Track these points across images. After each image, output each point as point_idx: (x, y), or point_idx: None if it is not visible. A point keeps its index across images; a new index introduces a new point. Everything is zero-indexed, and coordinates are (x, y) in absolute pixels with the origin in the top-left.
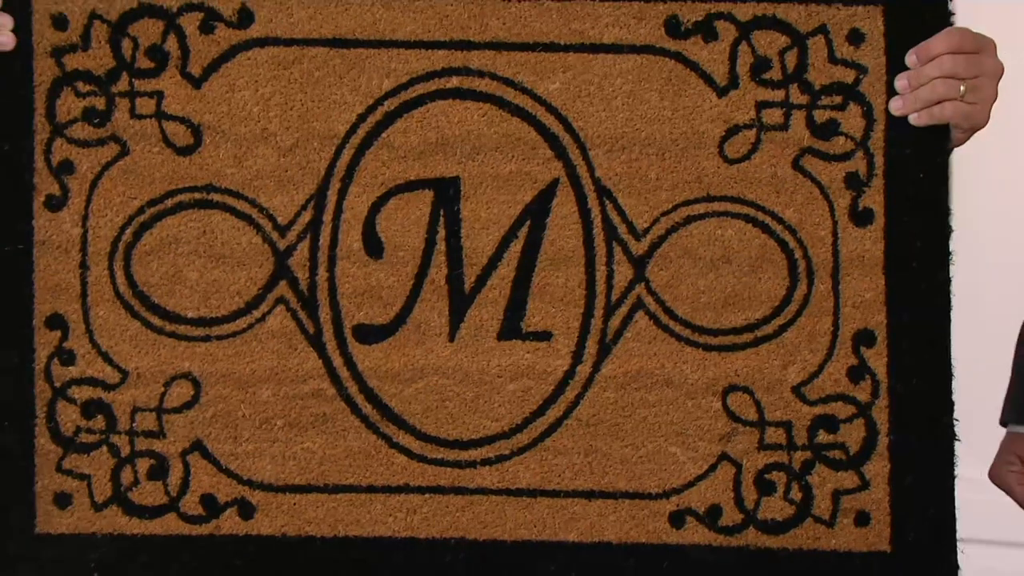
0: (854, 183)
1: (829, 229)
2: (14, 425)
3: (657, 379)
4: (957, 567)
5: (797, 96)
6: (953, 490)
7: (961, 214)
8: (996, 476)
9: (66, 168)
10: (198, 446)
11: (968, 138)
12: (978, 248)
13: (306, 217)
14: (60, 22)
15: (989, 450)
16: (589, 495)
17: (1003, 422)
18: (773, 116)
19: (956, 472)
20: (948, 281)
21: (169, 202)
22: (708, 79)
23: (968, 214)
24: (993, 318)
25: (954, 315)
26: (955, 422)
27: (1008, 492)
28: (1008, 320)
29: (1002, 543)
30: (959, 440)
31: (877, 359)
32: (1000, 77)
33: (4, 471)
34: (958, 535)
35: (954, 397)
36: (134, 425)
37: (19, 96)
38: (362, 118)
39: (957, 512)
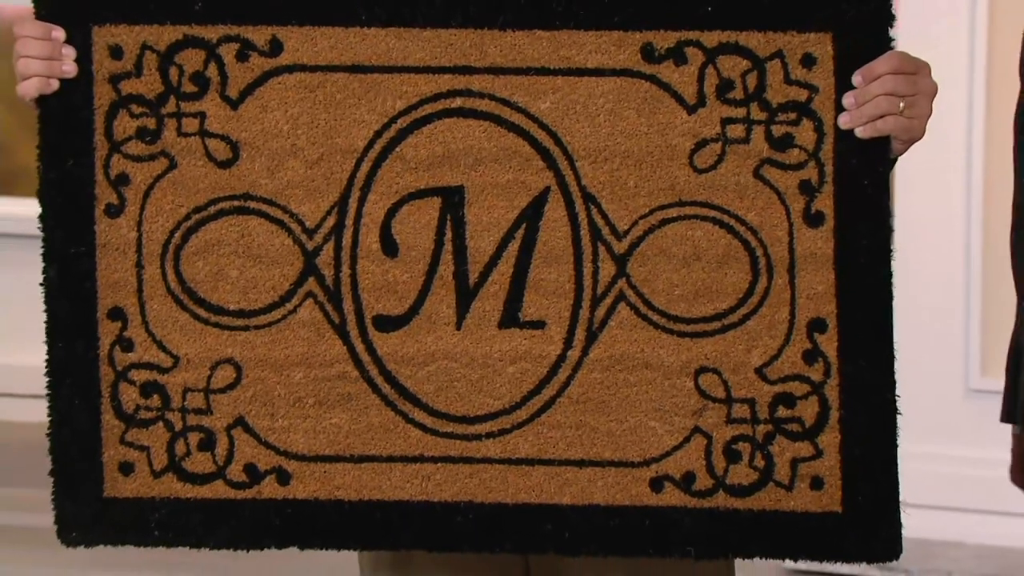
0: (807, 189)
1: (786, 230)
2: (84, 404)
3: (637, 362)
4: (900, 525)
5: (757, 113)
6: (896, 458)
7: (900, 216)
8: (1018, 480)
9: (123, 180)
10: (240, 422)
11: (906, 149)
12: (914, 245)
13: (330, 221)
14: (116, 52)
15: (925, 424)
16: (580, 463)
17: (1003, 420)
18: (736, 131)
19: (898, 442)
20: (890, 275)
21: (212, 209)
22: (679, 98)
23: (906, 216)
24: (927, 306)
25: (895, 304)
26: (897, 398)
27: None
28: (939, 309)
29: (939, 508)
30: (900, 414)
31: (828, 344)
32: (934, 95)
33: (76, 444)
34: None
35: (896, 377)
36: (185, 404)
37: (81, 118)
38: (378, 134)
39: (900, 477)
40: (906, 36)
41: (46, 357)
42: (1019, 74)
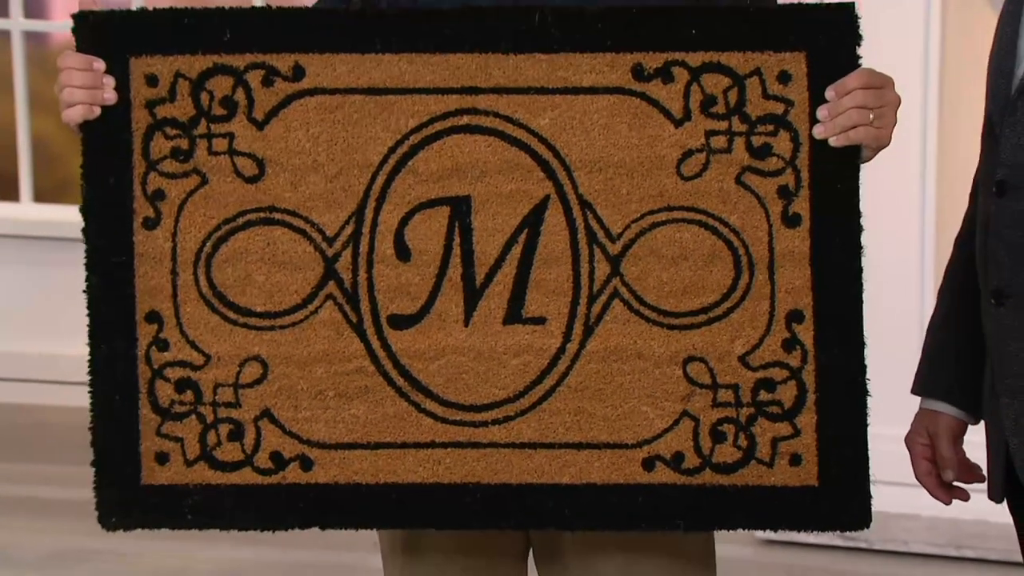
0: (785, 194)
1: (766, 231)
2: (123, 399)
3: (631, 353)
4: (870, 496)
5: (738, 125)
6: (866, 436)
7: (869, 216)
8: (908, 443)
9: (158, 195)
10: (267, 414)
11: (874, 156)
12: (879, 244)
13: (348, 230)
14: (152, 80)
15: (892, 407)
16: (578, 446)
17: (913, 392)
18: (719, 142)
19: (868, 422)
20: (860, 270)
21: (240, 220)
22: (667, 113)
23: (874, 216)
24: (893, 299)
25: (865, 297)
26: (867, 382)
27: (911, 459)
28: (903, 301)
29: (895, 484)
30: (870, 396)
31: (805, 333)
32: (898, 107)
33: (116, 436)
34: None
35: (866, 363)
36: (216, 398)
37: (121, 140)
38: (392, 150)
39: (870, 452)
40: (866, 54)
41: (88, 357)
42: (986, 94)
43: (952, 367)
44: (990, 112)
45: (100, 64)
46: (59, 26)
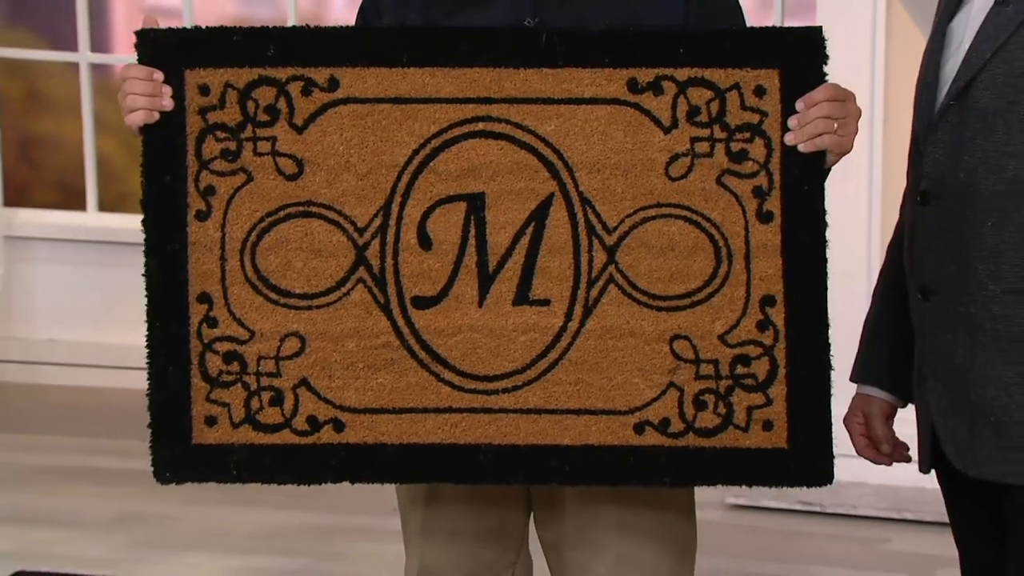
0: (759, 193)
1: (743, 226)
2: (177, 370)
3: (624, 331)
4: (833, 456)
5: (719, 133)
6: (830, 404)
7: (832, 213)
8: (846, 422)
9: (209, 191)
10: (304, 383)
11: (838, 160)
12: (843, 238)
13: (377, 222)
14: (204, 90)
15: (839, 393)
16: (578, 412)
17: (851, 379)
18: (702, 147)
19: (832, 392)
20: (825, 261)
21: (281, 213)
22: (657, 122)
23: (836, 213)
24: (838, 301)
25: (829, 284)
26: (831, 358)
27: (850, 437)
28: (847, 302)
29: (845, 455)
30: (833, 369)
31: (777, 315)
32: (859, 117)
33: (170, 402)
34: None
35: (829, 341)
36: (259, 368)
37: (177, 142)
38: (416, 152)
39: (832, 420)
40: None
41: (146, 333)
42: (912, 104)
43: (885, 357)
44: (916, 131)
45: (159, 75)
46: (120, 59)
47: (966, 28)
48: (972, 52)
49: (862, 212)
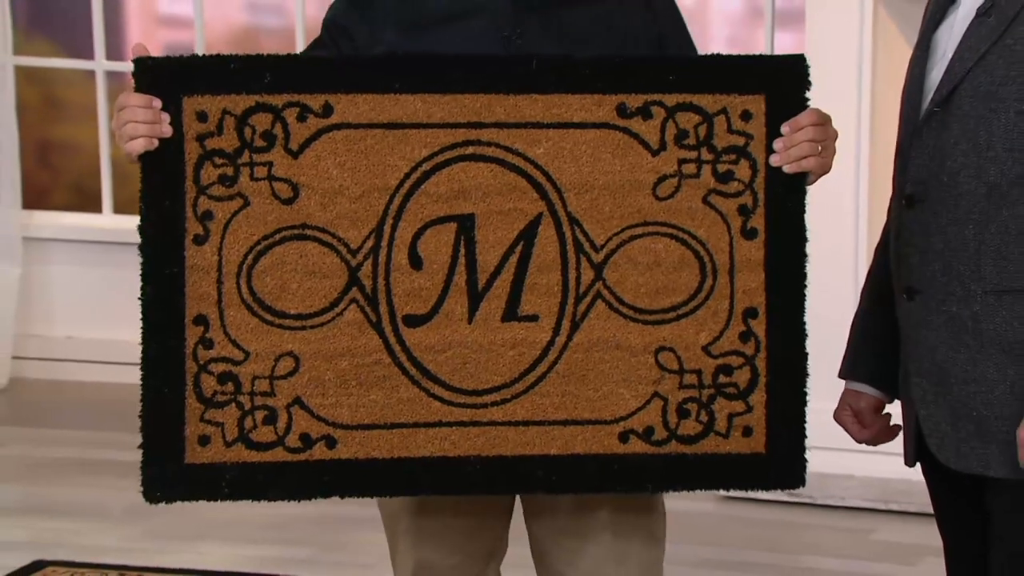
0: (744, 212)
1: (727, 242)
2: (172, 391)
3: (610, 344)
4: (806, 461)
5: (706, 155)
6: (805, 412)
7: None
8: (837, 418)
9: (207, 216)
10: (298, 401)
11: (817, 180)
12: (820, 253)
13: (370, 243)
14: (202, 117)
15: (828, 389)
16: (564, 423)
17: (840, 376)
18: (689, 168)
19: (808, 402)
20: (804, 275)
21: (277, 236)
22: (646, 145)
23: (824, 218)
24: (827, 302)
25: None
26: (807, 369)
27: (846, 430)
28: (835, 303)
29: (834, 449)
30: (808, 375)
31: (759, 327)
32: (836, 139)
33: (164, 422)
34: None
35: (807, 352)
36: (254, 388)
37: (175, 168)
38: (407, 176)
39: (807, 428)
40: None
41: (141, 354)
42: (899, 111)
43: (872, 354)
44: (902, 137)
45: (157, 102)
46: None
47: (950, 38)
48: (955, 61)
49: (849, 218)
